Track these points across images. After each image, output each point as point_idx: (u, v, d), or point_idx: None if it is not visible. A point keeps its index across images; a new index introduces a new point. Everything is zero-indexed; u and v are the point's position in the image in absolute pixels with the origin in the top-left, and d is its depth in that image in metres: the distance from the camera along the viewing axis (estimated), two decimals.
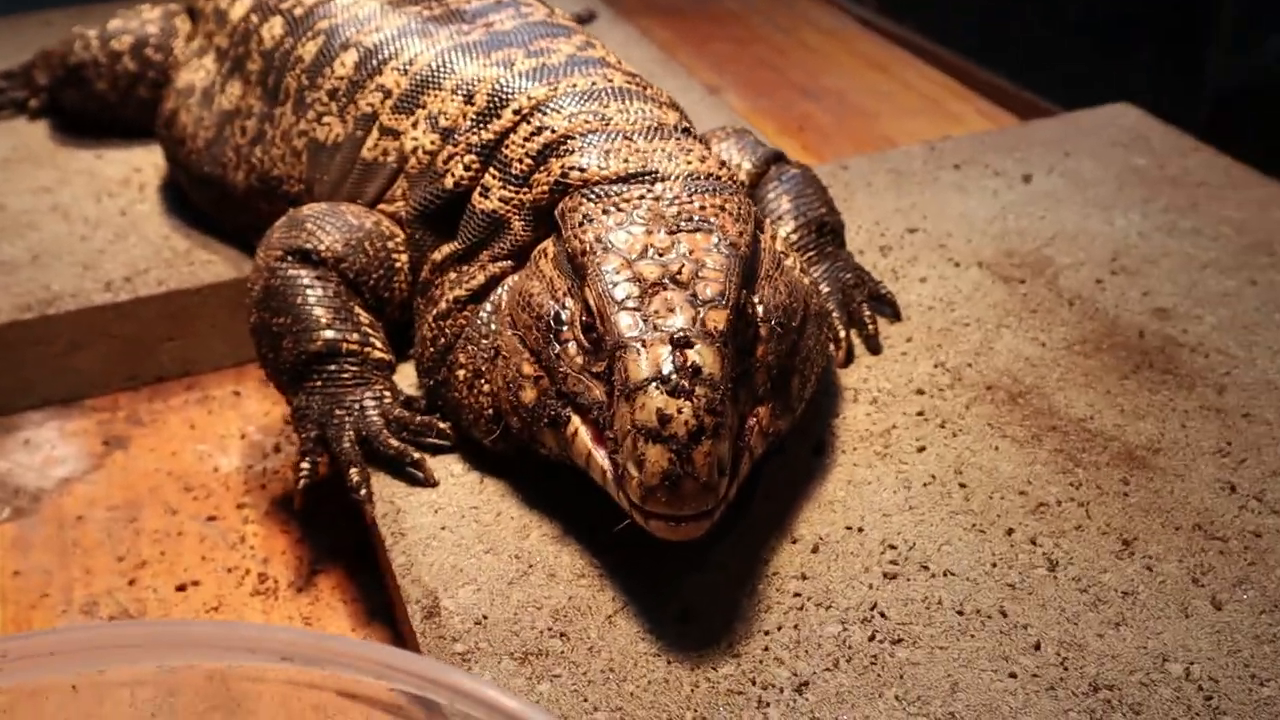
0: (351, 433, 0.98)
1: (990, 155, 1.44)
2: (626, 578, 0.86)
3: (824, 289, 1.09)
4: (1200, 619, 0.82)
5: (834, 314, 1.08)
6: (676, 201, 0.89)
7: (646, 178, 0.91)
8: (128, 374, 1.27)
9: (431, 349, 0.99)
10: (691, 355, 0.78)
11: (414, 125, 1.08)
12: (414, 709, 0.59)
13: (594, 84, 1.02)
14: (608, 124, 0.97)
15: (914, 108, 1.84)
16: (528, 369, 0.88)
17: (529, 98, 1.01)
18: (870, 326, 1.09)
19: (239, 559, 1.06)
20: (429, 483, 0.95)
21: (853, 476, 0.95)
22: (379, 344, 1.03)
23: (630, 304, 0.81)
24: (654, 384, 0.77)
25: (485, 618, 0.84)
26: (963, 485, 0.94)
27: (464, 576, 0.87)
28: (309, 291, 1.03)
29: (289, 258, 1.04)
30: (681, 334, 0.79)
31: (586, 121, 0.97)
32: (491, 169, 1.00)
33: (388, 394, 1.01)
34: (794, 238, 1.12)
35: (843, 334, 1.07)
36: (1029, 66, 2.12)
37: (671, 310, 0.80)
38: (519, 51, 1.08)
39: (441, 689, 0.54)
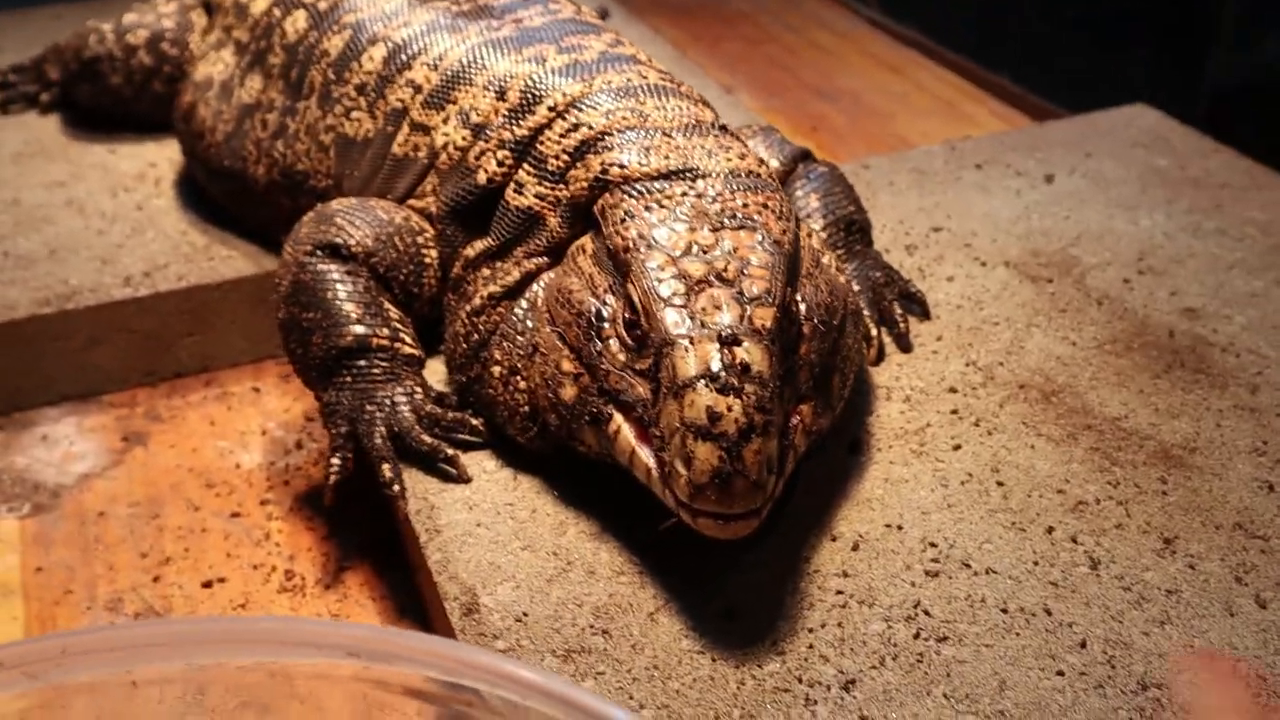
0: (383, 428, 0.97)
1: (1011, 155, 1.44)
2: (667, 575, 0.86)
3: (854, 287, 1.09)
4: (1245, 617, 0.82)
5: (865, 312, 1.07)
6: (719, 199, 0.88)
7: (688, 175, 0.91)
8: (146, 370, 1.26)
9: (465, 345, 0.98)
10: (740, 353, 0.77)
11: (445, 121, 1.07)
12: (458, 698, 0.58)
13: (629, 80, 1.01)
14: (645, 120, 0.96)
15: (928, 109, 1.84)
16: (567, 366, 0.87)
17: (564, 94, 1.00)
18: (901, 325, 1.09)
19: (264, 555, 1.05)
20: (462, 479, 0.94)
21: (890, 474, 0.94)
22: (409, 339, 1.03)
23: (677, 301, 0.80)
24: (703, 381, 0.76)
25: (526, 615, 0.83)
26: (1000, 483, 0.93)
27: (502, 573, 0.86)
28: (339, 286, 1.02)
29: (319, 252, 1.03)
30: (729, 331, 0.78)
31: (624, 118, 0.96)
32: (526, 165, 0.99)
33: (419, 390, 1.00)
34: (823, 235, 1.11)
35: (874, 332, 1.07)
36: (1029, 66, 2.12)
37: (719, 307, 0.80)
38: (550, 48, 1.07)
39: (513, 683, 0.53)
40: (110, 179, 1.43)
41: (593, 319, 0.86)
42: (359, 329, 1.00)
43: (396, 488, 0.93)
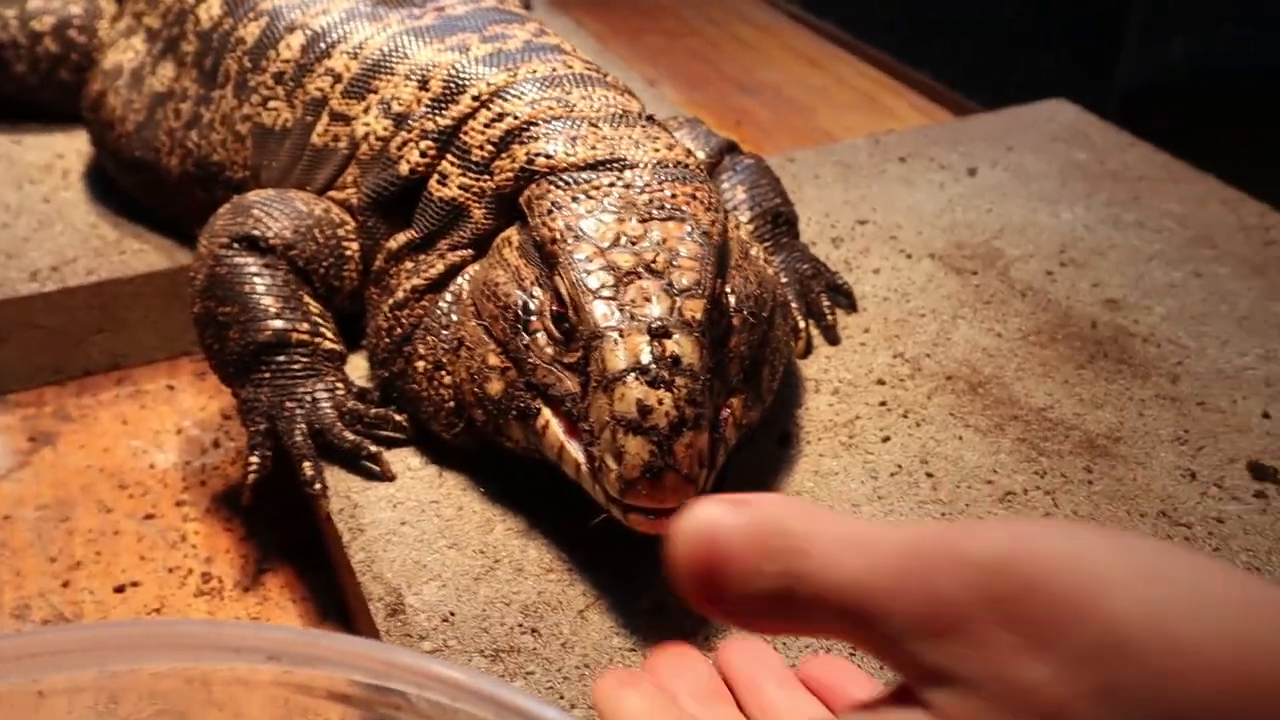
0: (303, 425, 0.94)
1: (934, 149, 1.44)
2: (597, 572, 0.84)
3: (782, 280, 1.08)
4: None
5: (793, 305, 1.07)
6: (647, 189, 0.87)
7: (615, 165, 0.89)
8: (54, 367, 1.22)
9: (387, 339, 0.96)
10: (670, 345, 0.76)
11: (365, 111, 1.05)
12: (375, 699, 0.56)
13: (554, 70, 0.99)
14: (572, 110, 0.95)
15: (849, 103, 1.85)
16: (494, 360, 0.85)
17: (488, 84, 0.98)
18: (829, 317, 1.08)
19: (180, 558, 1.02)
20: (386, 476, 0.92)
21: (819, 467, 0.94)
22: (330, 334, 1.00)
23: (605, 293, 0.79)
24: (633, 374, 0.75)
25: (453, 614, 0.81)
26: (930, 475, 0.93)
27: (428, 573, 0.84)
28: (257, 280, 0.99)
29: (235, 245, 1.00)
30: (659, 323, 0.77)
31: (550, 108, 0.95)
32: (449, 156, 0.97)
33: (340, 385, 0.97)
34: (750, 228, 1.11)
35: (801, 325, 1.06)
36: (949, 62, 2.14)
37: (648, 299, 0.78)
38: (474, 36, 1.05)
39: (436, 682, 0.51)
40: (15, 171, 1.38)
41: (519, 312, 0.84)
42: (278, 323, 0.98)
43: (318, 486, 0.91)
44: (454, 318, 0.91)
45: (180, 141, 1.18)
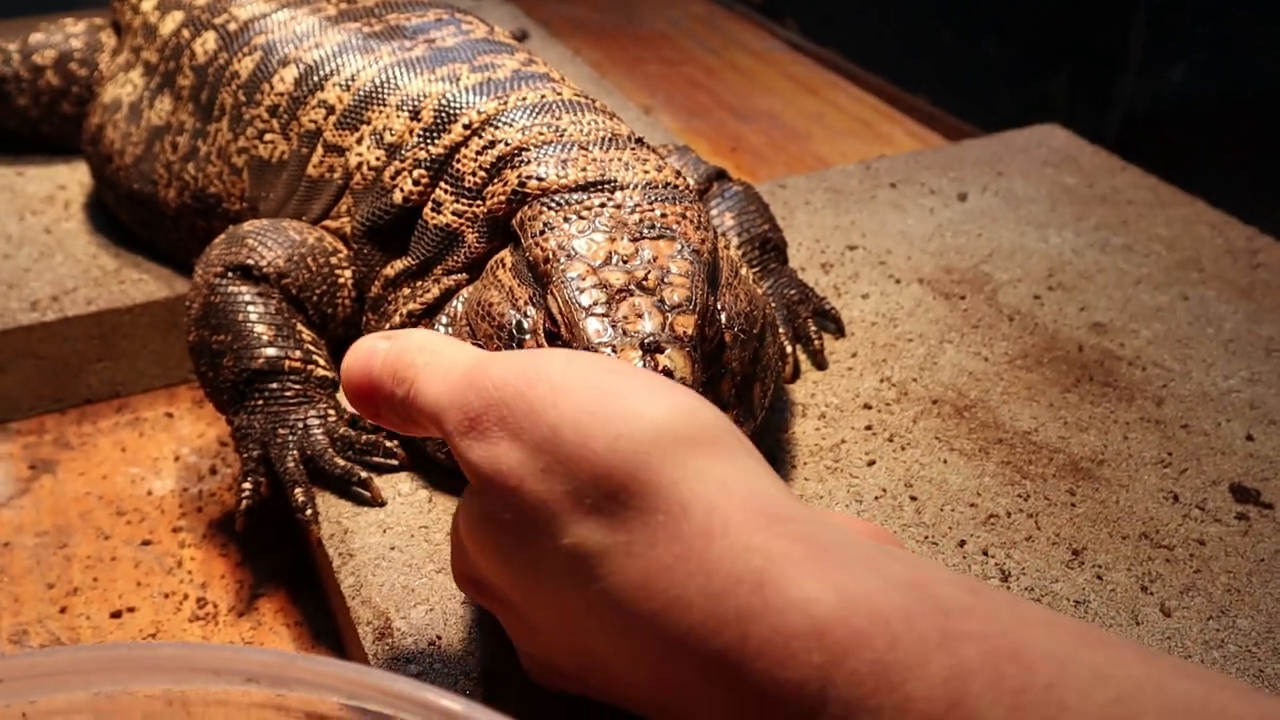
0: (295, 452, 0.96)
1: (925, 174, 1.46)
2: None
3: (770, 305, 1.10)
4: (1151, 626, 0.83)
5: (780, 330, 1.08)
6: (638, 209, 0.89)
7: (606, 186, 0.91)
8: (55, 396, 1.24)
9: None
10: (663, 360, 0.77)
11: (359, 141, 1.07)
12: None
13: (543, 97, 1.01)
14: (562, 135, 0.96)
15: (845, 129, 1.86)
16: None
17: (479, 112, 1.00)
18: (816, 342, 1.09)
19: (176, 584, 1.03)
20: (376, 502, 0.93)
21: (804, 491, 0.95)
22: (322, 361, 1.02)
23: (598, 310, 0.80)
24: None
25: (439, 638, 0.82)
26: (914, 498, 0.94)
27: (416, 596, 0.86)
28: (250, 308, 1.01)
29: (230, 274, 1.02)
30: (652, 339, 0.78)
31: (540, 133, 0.96)
32: (443, 183, 0.99)
33: (332, 412, 0.99)
34: (738, 253, 1.12)
35: (789, 349, 1.08)
36: (947, 90, 2.17)
37: (640, 316, 0.80)
38: (464, 67, 1.07)
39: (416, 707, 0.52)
40: (18, 202, 1.40)
41: (513, 331, 0.85)
42: (270, 351, 0.99)
43: (309, 512, 0.92)
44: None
45: (178, 174, 1.20)
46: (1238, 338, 1.15)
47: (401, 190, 1.01)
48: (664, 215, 0.89)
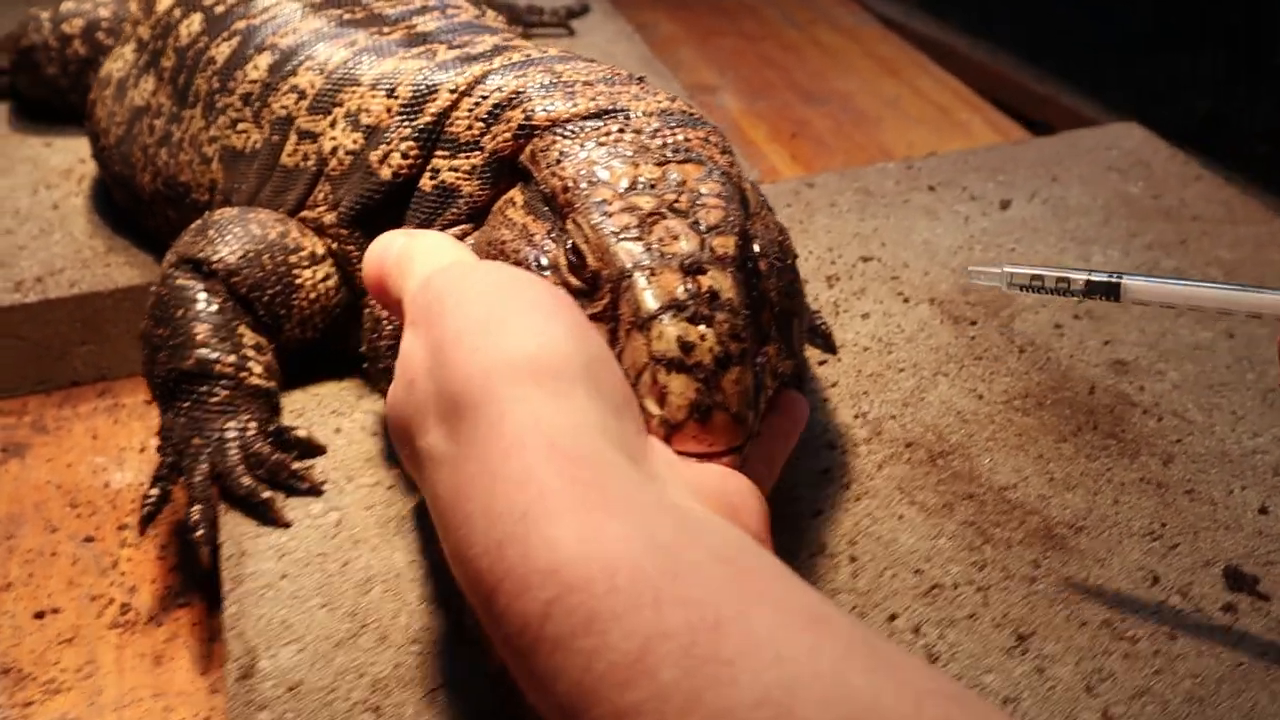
0: (206, 465, 0.92)
1: (970, 177, 1.33)
2: (466, 645, 0.79)
3: None
4: None
5: None
6: (659, 134, 0.82)
7: (620, 113, 0.84)
8: (39, 378, 1.23)
9: (389, 327, 0.91)
10: (706, 280, 0.70)
11: (332, 125, 1.01)
12: None
13: (529, 55, 0.95)
14: (560, 76, 0.89)
15: (920, 116, 1.73)
16: None
17: (463, 78, 0.93)
18: None
19: (106, 585, 1.01)
20: (278, 524, 0.89)
21: None
22: (260, 370, 0.97)
23: (630, 233, 0.73)
24: (670, 312, 0.69)
25: (300, 684, 0.77)
26: (853, 559, 0.85)
27: (291, 634, 0.81)
28: (193, 304, 0.98)
29: (182, 266, 0.99)
30: (692, 260, 0.71)
31: (538, 77, 0.89)
32: (438, 152, 0.92)
33: (254, 425, 0.94)
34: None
35: None
36: (1081, 66, 1.99)
37: (676, 238, 0.73)
38: (440, 46, 1.01)
39: None
40: (36, 174, 1.40)
41: (533, 267, 0.78)
42: (202, 352, 0.96)
43: (199, 533, 0.88)
44: None
45: (152, 159, 1.17)
46: None
47: (390, 166, 0.95)
48: (687, 139, 0.82)
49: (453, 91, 0.93)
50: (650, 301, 0.69)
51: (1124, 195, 1.29)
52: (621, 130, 0.82)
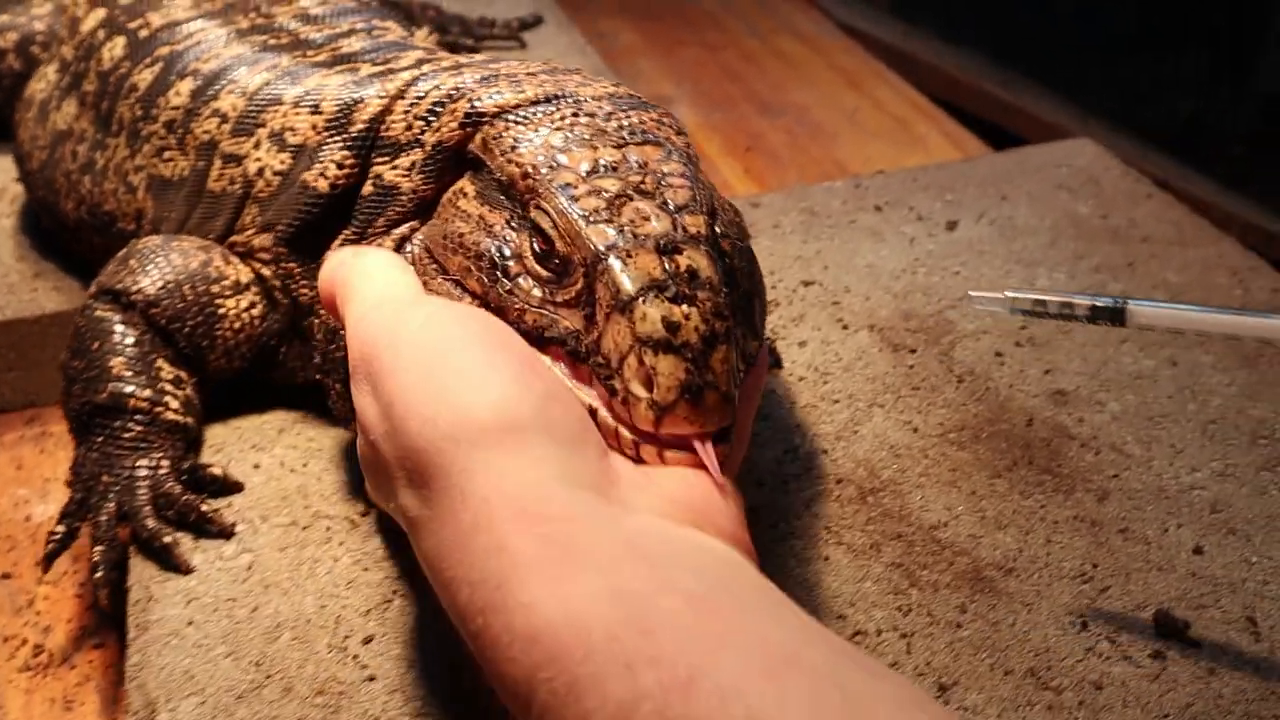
0: (113, 505, 0.89)
1: (919, 196, 1.31)
2: (368, 699, 0.77)
3: None
4: None
5: None
6: (612, 117, 0.80)
7: (568, 99, 0.82)
8: None
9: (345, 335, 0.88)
10: (683, 261, 0.69)
11: (256, 146, 0.98)
12: None
13: (458, 61, 0.93)
14: (498, 71, 0.87)
15: (877, 129, 1.71)
16: None
17: (390, 87, 0.91)
18: None
19: (20, 625, 0.98)
20: (181, 570, 0.86)
21: None
22: (176, 404, 0.95)
23: (600, 216, 0.71)
24: (651, 292, 0.67)
25: None
26: None
27: (193, 685, 0.78)
28: (109, 337, 0.96)
29: (103, 297, 0.97)
30: (666, 239, 0.70)
31: (475, 73, 0.87)
32: (376, 157, 0.90)
33: (166, 463, 0.92)
34: None
35: None
36: (1058, 71, 1.97)
37: (647, 219, 0.71)
38: (364, 64, 1.00)
39: None
40: None
41: (495, 258, 0.76)
42: (116, 385, 0.93)
43: (98, 575, 0.86)
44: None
45: (75, 186, 1.14)
46: (1223, 418, 0.98)
47: (326, 178, 0.92)
48: (641, 122, 0.81)
49: (383, 97, 0.91)
50: (630, 283, 0.68)
51: (1073, 215, 1.26)
52: (575, 114, 0.80)
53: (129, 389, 0.93)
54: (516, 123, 0.80)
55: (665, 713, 0.48)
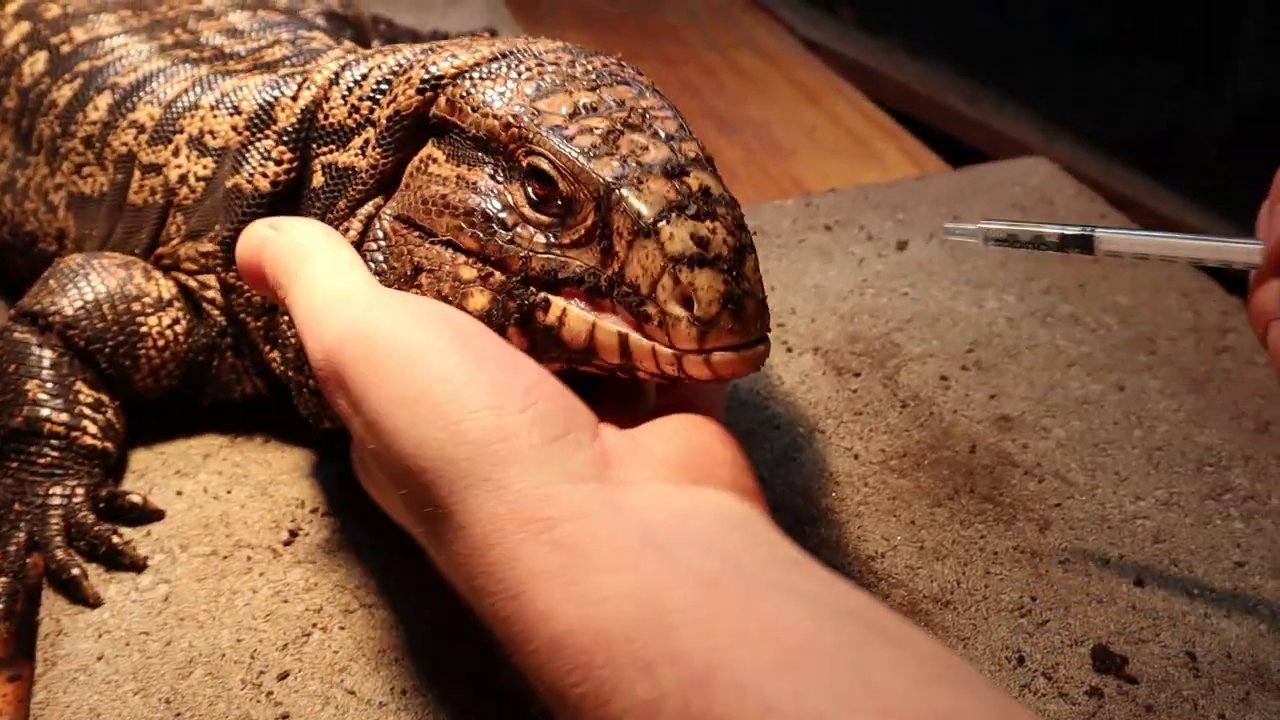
0: (23, 535, 0.86)
1: (870, 215, 1.29)
2: None
3: None
4: None
5: None
6: (575, 64, 0.78)
7: (524, 54, 0.79)
8: None
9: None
10: (692, 182, 0.69)
11: (175, 153, 0.96)
12: None
13: (383, 49, 0.90)
14: (440, 44, 0.84)
15: (835, 146, 1.69)
16: (468, 273, 0.74)
17: (322, 73, 0.88)
18: None
19: None
20: (89, 603, 0.83)
21: None
22: (94, 429, 0.92)
23: (599, 150, 0.70)
24: (673, 213, 0.67)
25: None
26: None
27: None
28: (26, 360, 0.93)
29: (22, 319, 0.95)
30: (670, 163, 0.70)
31: (414, 48, 0.85)
32: (319, 148, 0.87)
33: (81, 490, 0.89)
34: None
35: None
36: (1030, 81, 1.95)
37: (645, 148, 0.71)
38: (284, 65, 0.97)
39: None
40: None
41: (488, 211, 0.74)
42: (32, 410, 0.91)
43: (1, 607, 0.82)
44: (396, 254, 0.80)
45: None
46: (1169, 444, 0.97)
47: (266, 177, 0.89)
48: (605, 64, 0.79)
49: (315, 86, 0.88)
50: (650, 207, 0.67)
51: None
52: (539, 65, 0.78)
53: (45, 412, 0.91)
54: (481, 79, 0.78)
55: (687, 710, 0.49)
